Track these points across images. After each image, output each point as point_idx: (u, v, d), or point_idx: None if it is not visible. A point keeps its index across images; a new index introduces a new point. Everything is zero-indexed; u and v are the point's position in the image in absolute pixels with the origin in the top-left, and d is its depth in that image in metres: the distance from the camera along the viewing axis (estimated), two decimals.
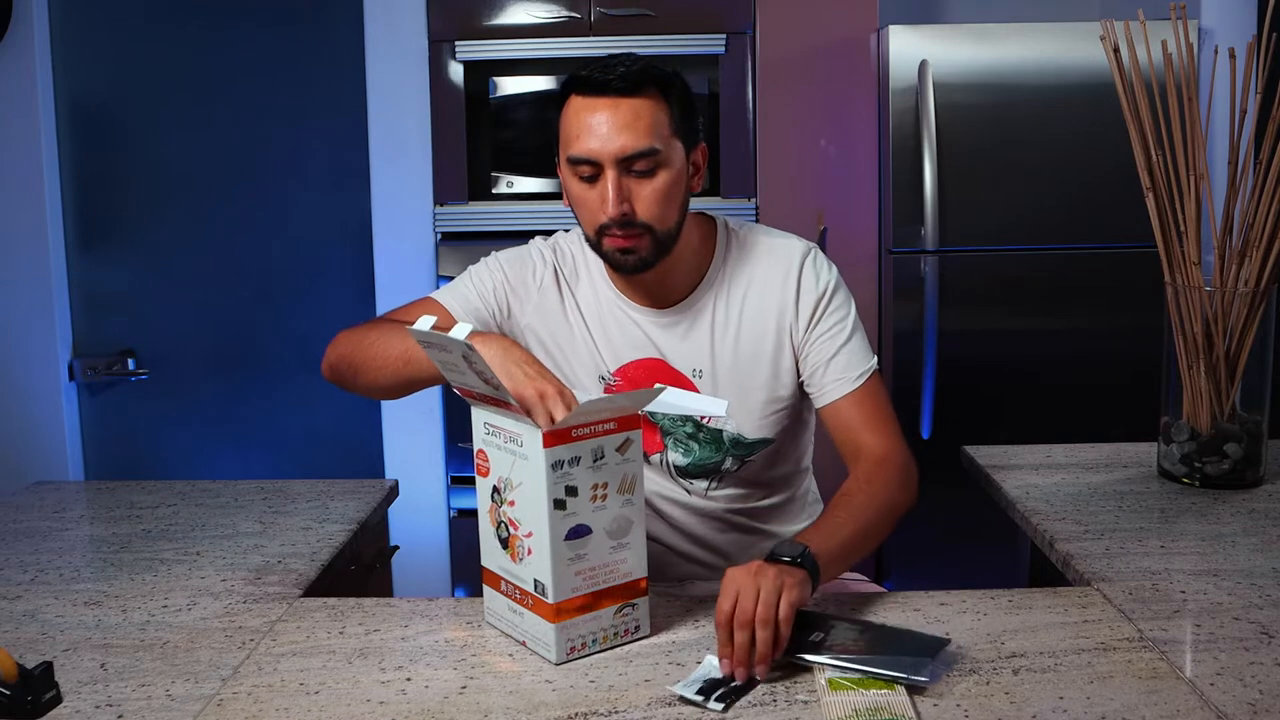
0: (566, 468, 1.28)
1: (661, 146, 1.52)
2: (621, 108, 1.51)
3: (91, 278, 3.27)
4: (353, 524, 1.80)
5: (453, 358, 1.31)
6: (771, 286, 1.65)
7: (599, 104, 1.51)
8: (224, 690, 1.26)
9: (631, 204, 1.53)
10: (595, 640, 1.33)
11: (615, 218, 1.52)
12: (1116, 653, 1.29)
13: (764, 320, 1.64)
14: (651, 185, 1.53)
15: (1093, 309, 3.07)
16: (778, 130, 3.13)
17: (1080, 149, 3.00)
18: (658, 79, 1.54)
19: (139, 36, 3.23)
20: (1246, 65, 1.81)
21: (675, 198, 1.56)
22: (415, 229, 3.18)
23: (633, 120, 1.51)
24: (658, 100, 1.53)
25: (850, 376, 1.63)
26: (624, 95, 1.51)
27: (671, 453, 1.67)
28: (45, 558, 1.68)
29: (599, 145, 1.51)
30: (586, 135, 1.51)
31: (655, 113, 1.53)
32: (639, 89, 1.52)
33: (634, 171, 1.52)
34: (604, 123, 1.51)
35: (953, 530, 2.99)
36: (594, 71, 1.52)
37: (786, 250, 1.67)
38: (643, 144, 1.51)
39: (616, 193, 1.51)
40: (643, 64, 1.54)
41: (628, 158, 1.51)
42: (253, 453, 3.32)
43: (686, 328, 1.65)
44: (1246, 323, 1.82)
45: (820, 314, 1.64)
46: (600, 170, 1.52)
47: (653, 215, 1.54)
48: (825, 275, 1.66)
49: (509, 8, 3.11)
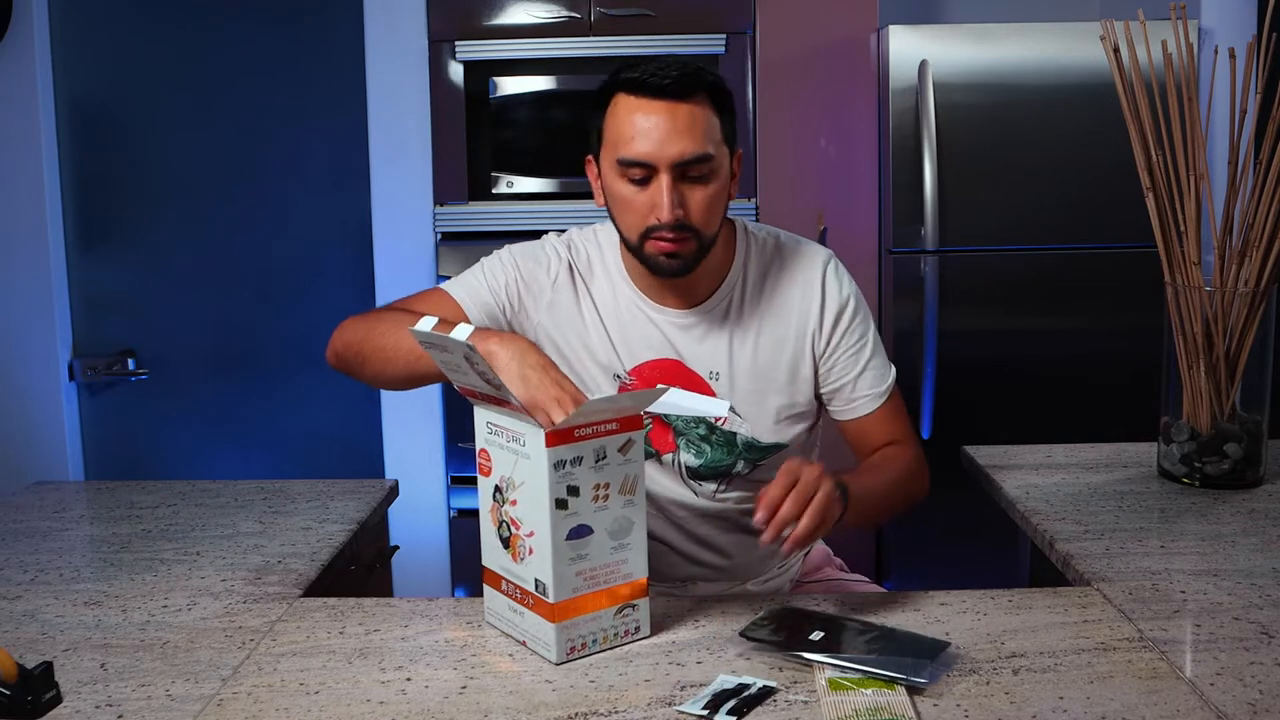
0: (568, 467, 1.28)
1: (715, 152, 1.51)
2: (679, 112, 1.49)
3: (91, 278, 3.27)
4: (353, 524, 1.80)
5: (454, 358, 1.31)
6: (792, 292, 1.65)
7: (654, 106, 1.49)
8: (224, 690, 1.26)
9: (685, 208, 1.51)
10: (595, 640, 1.33)
11: (669, 222, 1.51)
12: (1116, 653, 1.29)
13: (784, 326, 1.64)
14: (705, 191, 1.52)
15: (1093, 309, 3.07)
16: (778, 130, 3.13)
17: (1080, 149, 3.00)
18: (709, 85, 1.52)
19: (139, 36, 3.23)
20: (1246, 65, 1.81)
21: (722, 203, 1.56)
22: (415, 229, 3.18)
23: (690, 125, 1.49)
24: (709, 106, 1.52)
25: (876, 393, 1.66)
26: (680, 99, 1.49)
27: (684, 453, 1.66)
28: (45, 558, 1.68)
29: (654, 149, 1.49)
30: (641, 138, 1.49)
31: (709, 118, 1.51)
32: (693, 93, 1.50)
33: (688, 177, 1.51)
34: (660, 125, 1.49)
35: (953, 530, 2.99)
36: (647, 73, 1.49)
37: (808, 257, 1.67)
38: (700, 149, 1.49)
39: (671, 197, 1.50)
40: (695, 67, 1.52)
41: (684, 163, 1.49)
42: (253, 453, 3.32)
43: (705, 330, 1.64)
44: (1246, 323, 1.82)
45: (845, 327, 1.64)
46: (653, 173, 1.50)
47: (702, 220, 1.53)
48: (847, 285, 1.66)
49: (509, 8, 3.11)
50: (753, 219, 3.09)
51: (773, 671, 1.27)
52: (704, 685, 1.24)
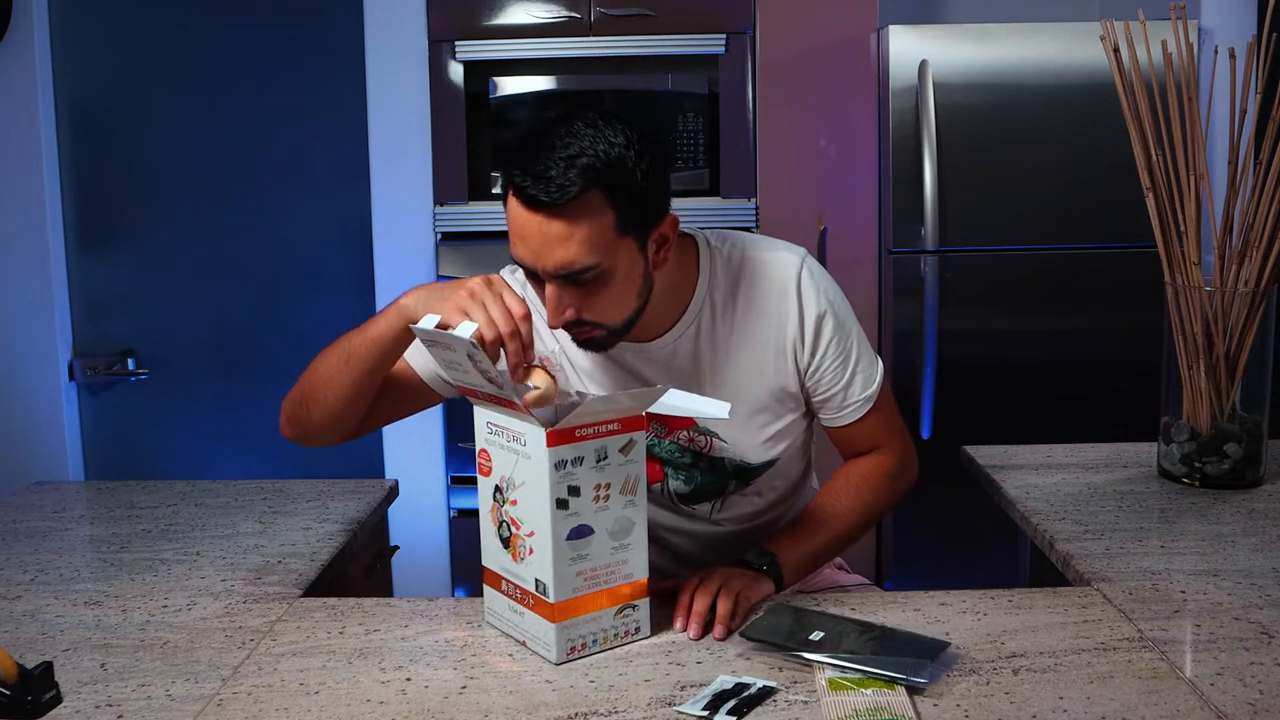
0: (569, 467, 1.28)
1: (601, 259, 1.37)
2: (555, 226, 1.35)
3: (91, 278, 3.27)
4: (353, 524, 1.80)
5: (456, 356, 1.31)
6: (767, 308, 1.55)
7: (529, 216, 1.37)
8: (224, 690, 1.26)
9: (577, 309, 1.41)
10: (596, 640, 1.33)
11: (555, 326, 1.43)
12: (1116, 653, 1.29)
13: (761, 344, 1.55)
14: (596, 294, 1.41)
15: (1093, 309, 3.07)
16: (778, 130, 3.13)
17: (1080, 149, 2.99)
18: (600, 177, 1.35)
19: (139, 37, 3.22)
20: (1246, 65, 1.81)
21: (628, 294, 1.43)
22: (415, 229, 3.18)
23: (567, 238, 1.35)
24: (598, 206, 1.36)
25: (866, 397, 1.61)
26: (556, 211, 1.35)
27: (672, 481, 1.62)
28: (45, 558, 1.68)
29: (533, 259, 1.39)
30: (522, 244, 1.39)
31: (593, 224, 1.36)
32: (576, 200, 1.34)
33: (577, 281, 1.39)
34: (537, 236, 1.37)
35: (953, 530, 2.99)
36: (528, 175, 1.36)
37: (778, 265, 1.56)
38: (580, 262, 1.37)
39: (554, 306, 1.41)
40: (583, 164, 1.34)
41: (564, 275, 1.38)
42: (253, 453, 3.32)
43: (672, 357, 1.55)
44: (1246, 323, 1.82)
45: (828, 337, 1.56)
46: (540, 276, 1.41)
47: (602, 317, 1.43)
48: (824, 286, 1.57)
49: (509, 8, 3.11)
50: (753, 219, 3.09)
51: (773, 671, 1.27)
52: (704, 685, 1.24)
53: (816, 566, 1.63)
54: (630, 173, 1.38)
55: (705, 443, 1.59)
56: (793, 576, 1.54)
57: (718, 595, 1.40)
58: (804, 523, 1.61)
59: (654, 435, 1.59)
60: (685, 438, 1.58)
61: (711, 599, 1.40)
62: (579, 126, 1.38)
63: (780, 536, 1.58)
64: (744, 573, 1.48)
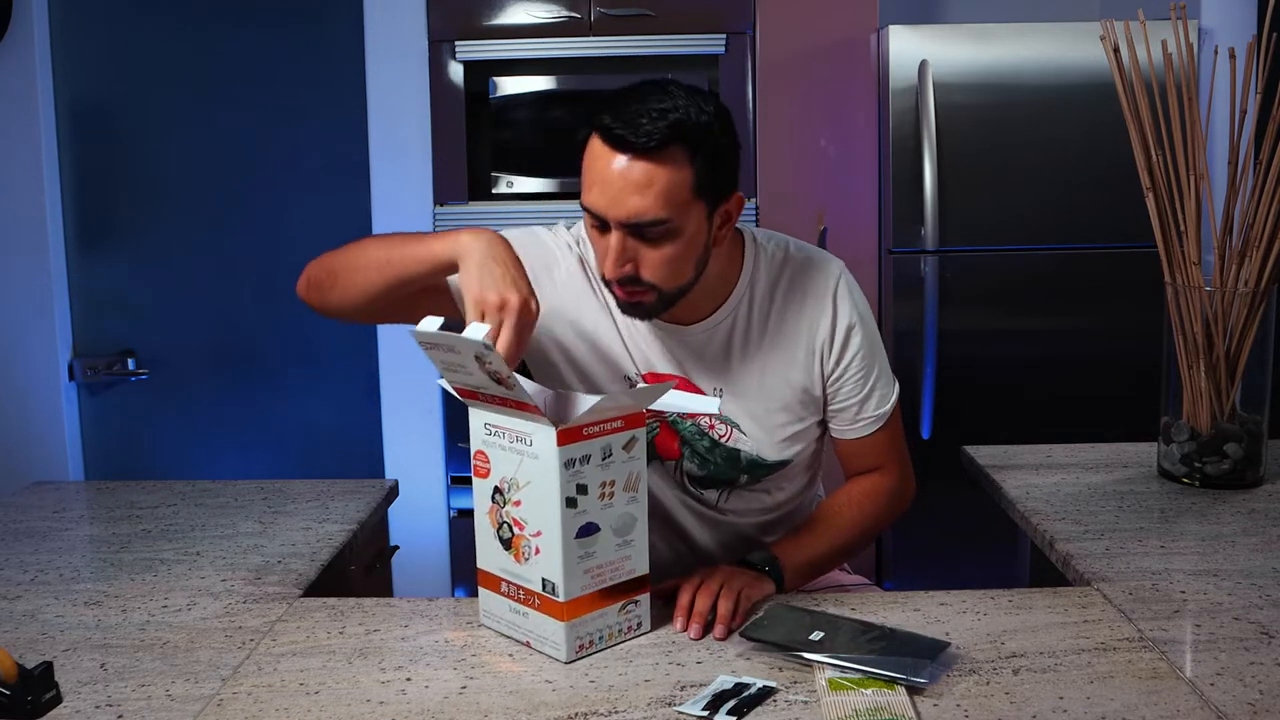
0: (578, 466, 1.28)
1: (673, 216, 1.41)
2: (636, 170, 1.39)
3: (91, 278, 3.27)
4: (353, 524, 1.80)
5: (460, 359, 1.30)
6: (802, 309, 1.59)
7: (614, 159, 1.40)
8: (224, 690, 1.26)
9: (636, 265, 1.44)
10: (602, 638, 1.33)
11: (611, 279, 1.46)
12: (1116, 653, 1.29)
13: (793, 344, 1.59)
14: (660, 252, 1.43)
15: (1093, 309, 3.07)
16: (778, 130, 3.13)
17: (1080, 149, 3.00)
18: (688, 134, 1.40)
19: (139, 37, 3.23)
20: (1246, 65, 1.81)
21: (688, 259, 1.46)
22: (415, 229, 3.17)
23: (646, 185, 1.39)
24: (680, 162, 1.40)
25: (879, 415, 1.64)
26: (644, 155, 1.38)
27: (687, 462, 1.64)
28: (45, 558, 1.68)
29: (606, 205, 1.41)
30: (597, 189, 1.42)
31: (674, 177, 1.40)
32: (662, 149, 1.38)
33: (644, 236, 1.42)
34: (616, 181, 1.40)
35: (953, 530, 2.99)
36: (618, 119, 1.39)
37: (819, 271, 1.60)
38: (652, 214, 1.40)
39: (616, 256, 1.43)
40: (674, 118, 1.39)
41: (634, 225, 1.41)
42: (253, 453, 3.32)
43: (706, 345, 1.58)
44: (1246, 323, 1.82)
45: (855, 348, 1.59)
46: (608, 224, 1.44)
47: (658, 278, 1.45)
48: (858, 300, 1.61)
49: (509, 8, 3.11)
50: (753, 219, 3.09)
51: (773, 671, 1.27)
52: (704, 685, 1.24)
53: (816, 575, 1.65)
54: (716, 139, 1.44)
55: (726, 431, 1.61)
56: (793, 581, 1.55)
57: (718, 595, 1.41)
58: (808, 529, 1.63)
59: (676, 414, 1.60)
60: (707, 423, 1.60)
61: (713, 599, 1.40)
62: (674, 88, 1.44)
63: (783, 541, 1.60)
64: (745, 572, 1.49)
